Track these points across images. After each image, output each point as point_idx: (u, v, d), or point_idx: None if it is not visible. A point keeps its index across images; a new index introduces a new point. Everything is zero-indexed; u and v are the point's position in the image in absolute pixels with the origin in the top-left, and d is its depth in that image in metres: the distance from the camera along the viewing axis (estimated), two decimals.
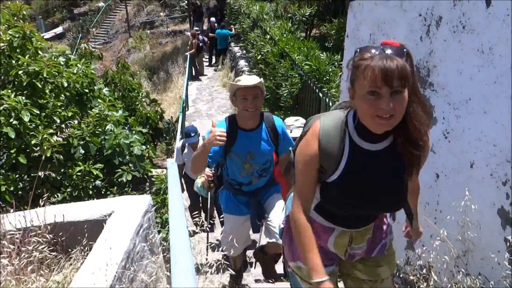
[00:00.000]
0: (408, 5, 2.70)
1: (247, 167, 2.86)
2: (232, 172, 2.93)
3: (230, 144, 2.73)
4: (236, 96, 2.72)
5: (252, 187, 2.99)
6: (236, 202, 3.04)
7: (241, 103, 2.70)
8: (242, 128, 2.80)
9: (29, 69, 4.08)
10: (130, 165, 4.36)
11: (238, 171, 2.88)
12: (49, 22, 27.06)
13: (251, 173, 2.90)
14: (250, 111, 2.68)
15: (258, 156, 2.84)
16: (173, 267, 1.19)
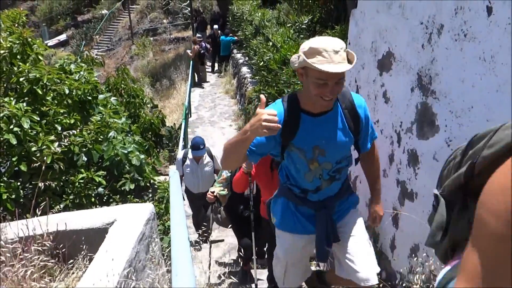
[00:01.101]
0: (410, 13, 2.71)
1: (314, 167, 2.13)
2: (292, 174, 2.21)
3: (289, 135, 2.05)
4: (309, 74, 1.92)
5: (321, 195, 2.23)
6: (297, 216, 2.28)
7: (316, 88, 1.91)
8: (307, 112, 2.06)
9: (29, 76, 4.10)
10: (132, 175, 4.37)
11: (302, 172, 2.15)
12: (53, 29, 27.23)
13: (320, 176, 2.16)
14: (327, 99, 1.93)
15: (330, 151, 2.10)
16: (173, 279, 1.18)
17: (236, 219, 4.21)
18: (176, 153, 7.84)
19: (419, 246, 2.80)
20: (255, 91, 9.32)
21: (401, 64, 2.81)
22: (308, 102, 2.05)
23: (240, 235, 4.42)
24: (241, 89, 11.92)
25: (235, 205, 4.11)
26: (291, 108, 2.05)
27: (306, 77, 1.94)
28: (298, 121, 2.05)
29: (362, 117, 2.15)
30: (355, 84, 3.51)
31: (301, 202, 2.25)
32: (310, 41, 1.91)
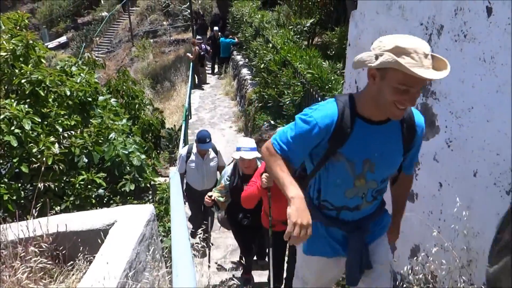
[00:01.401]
0: (410, 14, 2.71)
1: (360, 184, 1.86)
2: (328, 189, 1.93)
3: (339, 141, 1.78)
4: (389, 77, 1.63)
5: (356, 215, 1.98)
6: (326, 238, 2.03)
7: (395, 94, 1.63)
8: (364, 118, 1.79)
9: (32, 77, 4.10)
10: (132, 175, 4.36)
11: (344, 188, 1.88)
12: (53, 31, 27.27)
13: (363, 195, 1.91)
14: (401, 108, 1.66)
15: (381, 167, 1.85)
16: (174, 280, 1.18)
17: (236, 226, 4.16)
18: (176, 155, 7.84)
19: (420, 247, 2.80)
20: (255, 92, 9.33)
21: None
22: (368, 107, 1.77)
23: (240, 241, 4.36)
24: (241, 91, 11.93)
25: (235, 212, 4.05)
26: (346, 110, 1.79)
27: (382, 79, 1.65)
28: (351, 126, 1.78)
29: (417, 136, 1.91)
30: (355, 85, 3.51)
31: (331, 223, 1.99)
32: (393, 39, 1.63)
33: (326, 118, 1.77)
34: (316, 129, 1.77)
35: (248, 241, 4.23)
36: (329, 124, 1.77)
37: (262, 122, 8.19)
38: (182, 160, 5.22)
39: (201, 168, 5.11)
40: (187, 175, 5.27)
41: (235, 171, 3.92)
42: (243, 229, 4.09)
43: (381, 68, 1.63)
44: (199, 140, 5.00)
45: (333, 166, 1.85)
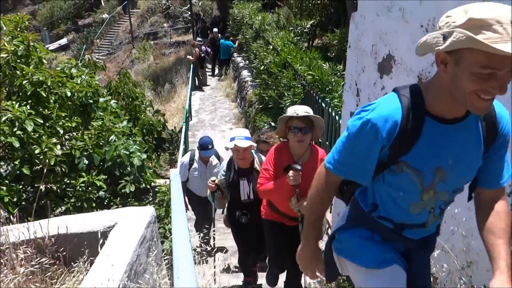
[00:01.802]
0: (410, 16, 2.72)
1: (428, 196, 1.51)
2: (388, 204, 1.57)
3: (403, 148, 1.42)
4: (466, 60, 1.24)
5: (421, 233, 1.62)
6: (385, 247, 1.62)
7: (476, 81, 1.24)
8: (435, 116, 1.42)
9: (33, 78, 4.11)
10: (132, 176, 4.36)
11: (408, 203, 1.53)
12: (53, 33, 27.34)
13: (432, 209, 1.56)
14: (487, 98, 1.27)
15: (456, 175, 1.49)
16: (175, 282, 1.18)
17: (235, 224, 4.00)
18: (176, 157, 7.84)
19: None
20: (256, 94, 9.34)
21: (401, 67, 2.82)
22: (440, 102, 1.39)
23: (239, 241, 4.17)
24: (241, 92, 11.94)
25: (232, 210, 3.93)
26: (413, 107, 1.41)
27: (456, 65, 1.26)
28: (420, 128, 1.40)
29: (500, 133, 1.48)
30: (356, 87, 3.52)
31: (394, 238, 1.62)
32: (465, 11, 1.24)
33: (387, 120, 1.39)
34: (375, 135, 1.40)
35: (247, 241, 4.08)
36: (392, 127, 1.40)
37: (262, 123, 8.20)
38: (184, 168, 5.08)
39: (205, 175, 4.98)
40: (190, 183, 5.16)
41: (230, 166, 3.83)
42: (242, 227, 3.95)
43: (453, 51, 1.25)
44: (201, 147, 4.91)
45: (394, 177, 1.49)
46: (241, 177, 3.74)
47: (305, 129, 3.03)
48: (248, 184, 3.73)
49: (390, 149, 1.43)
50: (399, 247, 1.65)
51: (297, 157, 3.14)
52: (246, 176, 3.74)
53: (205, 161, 5.04)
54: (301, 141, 3.05)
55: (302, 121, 3.02)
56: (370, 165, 1.48)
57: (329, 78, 6.37)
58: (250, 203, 3.75)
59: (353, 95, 3.56)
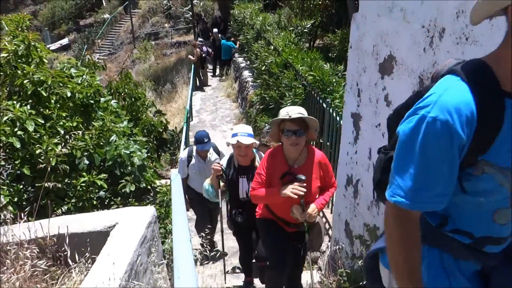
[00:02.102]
0: (411, 16, 2.71)
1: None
2: (464, 215, 1.27)
3: (483, 143, 1.11)
4: None
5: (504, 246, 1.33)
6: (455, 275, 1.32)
7: None
8: None
9: (34, 78, 4.11)
10: (133, 176, 4.36)
11: (492, 211, 1.24)
12: (55, 33, 27.38)
13: None
14: None
15: None
16: (176, 281, 1.18)
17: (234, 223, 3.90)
18: (177, 157, 7.84)
19: None
20: (257, 94, 9.34)
21: (402, 68, 2.82)
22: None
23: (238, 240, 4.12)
24: (242, 93, 11.94)
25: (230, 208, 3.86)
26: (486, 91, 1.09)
27: None
28: (501, 114, 1.08)
29: None
30: (357, 87, 3.51)
31: (470, 256, 1.31)
32: None
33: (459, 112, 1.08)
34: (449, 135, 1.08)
35: (246, 240, 4.01)
36: (468, 119, 1.08)
37: (263, 124, 8.20)
38: (182, 164, 4.95)
39: (204, 171, 4.81)
40: (190, 180, 5.01)
41: (230, 163, 3.75)
42: (241, 227, 3.86)
43: None
44: (197, 141, 4.75)
45: (472, 180, 1.17)
46: (240, 175, 3.68)
47: (299, 131, 2.87)
48: (248, 182, 3.65)
49: (469, 147, 1.11)
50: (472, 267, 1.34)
51: (292, 161, 3.02)
52: (245, 174, 3.69)
53: (203, 157, 4.85)
54: (296, 144, 2.89)
55: (296, 123, 2.86)
56: (449, 177, 1.12)
57: (330, 78, 6.36)
58: (248, 201, 3.57)
59: (354, 96, 3.55)
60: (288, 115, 2.86)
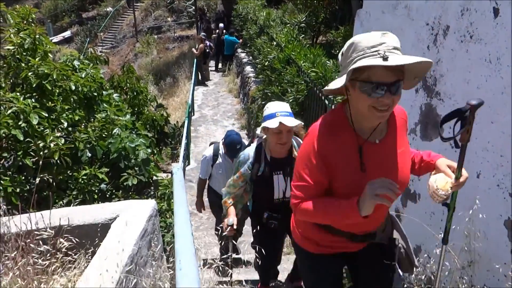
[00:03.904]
0: (416, 14, 2.71)
1: None
2: None
3: None
4: None
5: None
6: None
7: None
8: None
9: (38, 71, 4.12)
10: (136, 169, 4.36)
11: None
12: (57, 26, 27.35)
13: None
14: None
15: None
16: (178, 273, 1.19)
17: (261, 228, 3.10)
18: (178, 151, 7.84)
19: (421, 248, 2.80)
20: (259, 90, 9.33)
21: None
22: None
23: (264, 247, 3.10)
24: (244, 88, 11.93)
25: (258, 211, 3.08)
26: None
27: None
28: None
29: None
30: None
31: None
32: None
33: None
34: None
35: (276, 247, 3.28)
36: None
37: None
38: (207, 163, 4.39)
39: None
40: (213, 181, 4.49)
41: (259, 155, 2.85)
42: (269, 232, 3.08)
43: None
44: (228, 148, 4.13)
45: None
46: (275, 170, 2.84)
47: (397, 85, 1.54)
48: (285, 179, 2.85)
49: None
50: None
51: (367, 135, 1.70)
52: (281, 168, 2.84)
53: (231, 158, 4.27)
54: (387, 109, 1.57)
55: (393, 73, 1.53)
56: None
57: (333, 75, 6.34)
58: (283, 203, 2.90)
59: None
60: (377, 53, 1.52)
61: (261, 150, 2.86)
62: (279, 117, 2.60)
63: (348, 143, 1.68)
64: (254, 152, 2.87)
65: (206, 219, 6.32)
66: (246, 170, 2.87)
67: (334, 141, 1.68)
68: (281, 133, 2.65)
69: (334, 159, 1.67)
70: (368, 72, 1.52)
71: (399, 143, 1.79)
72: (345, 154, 1.68)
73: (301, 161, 1.76)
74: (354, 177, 1.67)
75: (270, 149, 2.82)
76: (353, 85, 1.58)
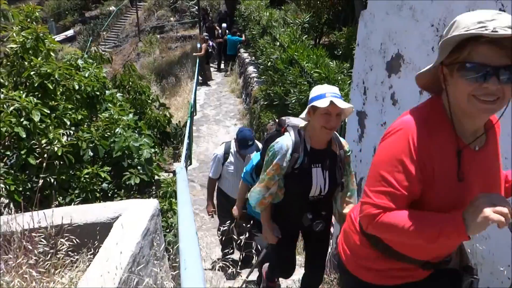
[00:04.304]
0: (420, 15, 2.70)
1: None
2: None
3: None
4: None
5: None
6: None
7: None
8: None
9: (41, 70, 4.12)
10: (139, 168, 4.36)
11: None
12: (60, 24, 27.39)
13: None
14: None
15: None
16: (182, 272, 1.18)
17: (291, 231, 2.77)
18: (180, 151, 7.85)
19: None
20: (261, 90, 9.33)
21: (410, 66, 2.81)
22: None
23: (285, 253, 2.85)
24: (247, 88, 11.93)
25: (292, 210, 2.62)
26: None
27: None
28: None
29: None
30: (363, 85, 3.50)
31: None
32: None
33: None
34: None
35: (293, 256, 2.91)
36: None
37: (267, 120, 8.19)
38: (217, 162, 4.24)
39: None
40: (222, 182, 4.32)
41: (298, 145, 2.47)
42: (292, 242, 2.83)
43: None
44: (240, 143, 4.06)
45: None
46: (314, 162, 2.48)
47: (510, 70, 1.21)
48: (323, 173, 2.49)
49: None
50: None
51: (468, 138, 1.42)
52: (320, 161, 2.49)
53: (243, 156, 4.25)
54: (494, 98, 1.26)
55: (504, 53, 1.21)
56: None
57: (336, 76, 6.34)
58: (318, 201, 2.57)
59: (360, 94, 3.54)
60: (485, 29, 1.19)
61: (300, 139, 2.49)
62: (331, 97, 2.28)
63: (446, 145, 1.37)
64: (293, 143, 2.46)
65: (208, 219, 6.32)
66: (286, 162, 2.44)
67: (433, 142, 1.36)
68: (330, 116, 2.32)
69: (431, 164, 1.35)
70: (470, 50, 1.21)
71: (499, 155, 1.49)
72: (442, 158, 1.36)
73: (389, 162, 1.39)
74: (451, 188, 1.37)
75: (311, 136, 2.48)
76: (451, 70, 1.29)
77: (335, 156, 2.52)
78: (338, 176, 2.53)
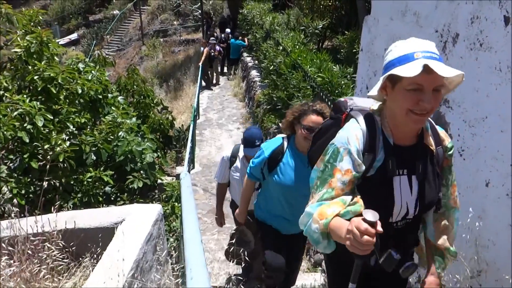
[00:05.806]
0: (425, 21, 2.69)
1: None
2: None
3: None
4: None
5: None
6: None
7: None
8: None
9: (44, 74, 4.13)
10: (142, 172, 4.36)
11: None
12: (64, 28, 27.50)
13: None
14: None
15: None
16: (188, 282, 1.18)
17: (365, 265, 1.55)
18: (183, 154, 7.84)
19: None
20: (264, 94, 9.32)
21: None
22: None
23: None
24: (250, 92, 11.93)
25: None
26: None
27: None
28: None
29: None
30: (367, 91, 3.50)
31: None
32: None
33: None
34: None
35: None
36: None
37: (270, 124, 8.18)
38: (224, 164, 3.83)
39: None
40: (231, 188, 3.89)
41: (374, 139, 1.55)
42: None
43: None
44: (246, 142, 3.53)
45: None
46: (400, 167, 1.57)
47: None
48: (410, 182, 1.59)
49: None
50: None
51: None
52: (407, 165, 1.59)
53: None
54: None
55: None
56: None
57: (339, 80, 6.33)
58: (404, 227, 1.66)
59: None
60: None
61: (375, 129, 1.57)
62: (422, 59, 1.41)
63: None
64: (364, 133, 1.56)
65: (209, 223, 6.31)
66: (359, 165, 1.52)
67: None
68: (423, 91, 1.41)
69: None
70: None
71: None
72: None
73: None
74: None
75: (391, 126, 1.57)
76: None
77: (430, 157, 1.62)
78: (435, 187, 1.63)
